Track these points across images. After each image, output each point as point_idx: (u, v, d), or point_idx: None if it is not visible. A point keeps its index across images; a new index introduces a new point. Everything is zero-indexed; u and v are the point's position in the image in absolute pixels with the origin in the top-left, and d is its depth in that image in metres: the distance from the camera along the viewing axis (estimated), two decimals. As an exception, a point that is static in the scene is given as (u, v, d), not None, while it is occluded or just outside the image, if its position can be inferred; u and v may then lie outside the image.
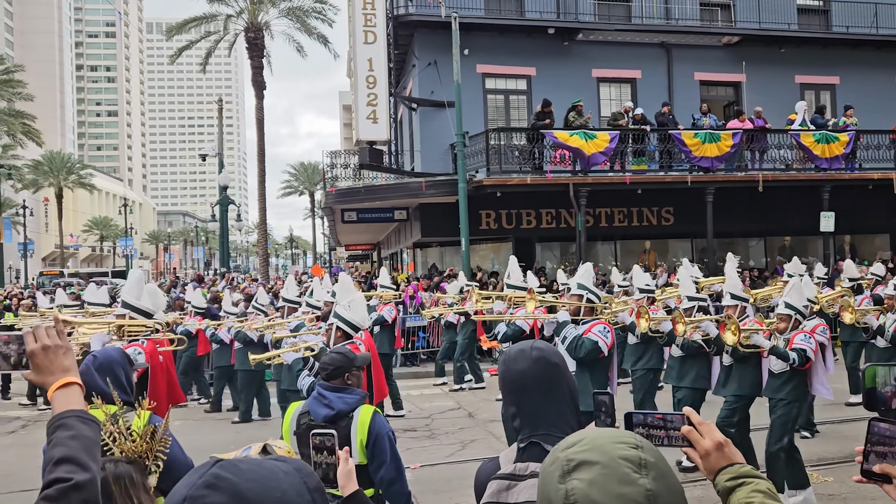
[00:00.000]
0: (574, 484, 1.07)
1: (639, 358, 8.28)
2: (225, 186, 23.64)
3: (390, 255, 29.55)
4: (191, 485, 1.08)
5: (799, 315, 6.47)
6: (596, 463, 1.09)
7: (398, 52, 20.28)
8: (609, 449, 1.12)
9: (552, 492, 1.10)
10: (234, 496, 1.05)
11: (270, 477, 1.11)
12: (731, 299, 7.07)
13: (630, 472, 1.08)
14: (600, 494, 1.05)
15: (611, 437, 1.16)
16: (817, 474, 6.94)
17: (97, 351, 3.84)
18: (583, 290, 6.64)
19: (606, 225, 19.01)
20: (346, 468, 2.36)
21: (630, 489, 1.06)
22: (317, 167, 54.04)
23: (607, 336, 6.22)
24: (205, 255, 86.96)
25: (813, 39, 20.91)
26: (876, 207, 19.10)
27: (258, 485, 1.08)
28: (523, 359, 2.01)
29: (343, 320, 5.73)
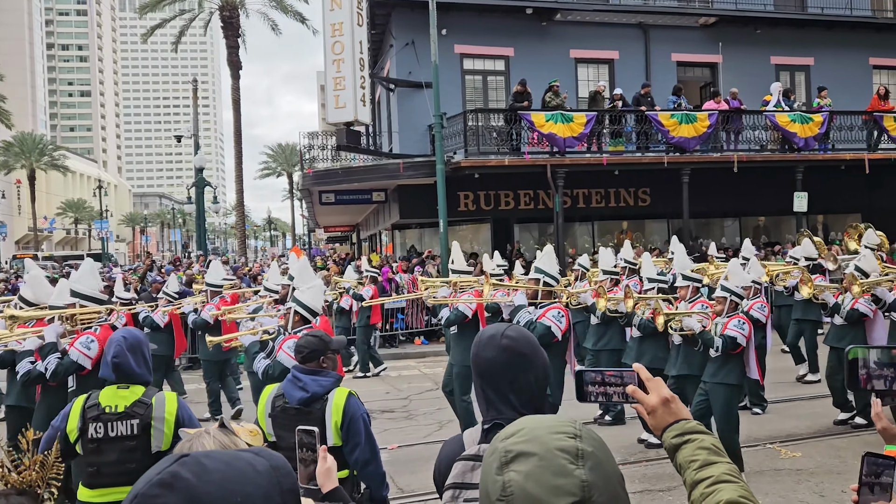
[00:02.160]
0: (511, 476, 1.08)
1: (600, 338, 8.50)
2: (201, 168, 23.36)
3: (369, 237, 29.49)
4: (147, 480, 1.01)
5: (735, 297, 6.62)
6: (533, 454, 1.09)
7: (375, 32, 20.11)
8: (547, 440, 1.12)
9: (490, 483, 1.11)
10: (188, 498, 0.98)
11: (237, 478, 1.03)
12: (682, 280, 7.21)
13: (566, 463, 1.08)
14: (536, 487, 1.06)
15: (549, 427, 1.15)
16: (786, 450, 7.12)
17: (123, 330, 3.85)
18: (540, 273, 6.70)
19: (584, 206, 19.12)
20: (324, 466, 2.36)
21: (565, 481, 1.06)
22: (295, 148, 53.57)
23: (561, 321, 6.29)
24: (182, 238, 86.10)
25: (788, 21, 21.04)
26: (848, 187, 19.40)
27: (218, 487, 1.00)
28: (492, 347, 2.01)
29: (302, 305, 5.68)
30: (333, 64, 16.99)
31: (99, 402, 3.58)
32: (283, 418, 3.62)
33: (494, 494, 1.09)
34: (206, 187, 24.16)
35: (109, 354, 3.64)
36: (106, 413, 3.55)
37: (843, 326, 7.96)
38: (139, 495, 0.99)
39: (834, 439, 7.52)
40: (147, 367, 3.75)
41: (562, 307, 6.52)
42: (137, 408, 3.58)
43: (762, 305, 8.06)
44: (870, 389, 1.42)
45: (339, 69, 17.10)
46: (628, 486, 4.29)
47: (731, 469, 1.49)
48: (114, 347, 3.64)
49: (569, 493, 1.05)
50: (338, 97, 17.04)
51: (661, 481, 6.43)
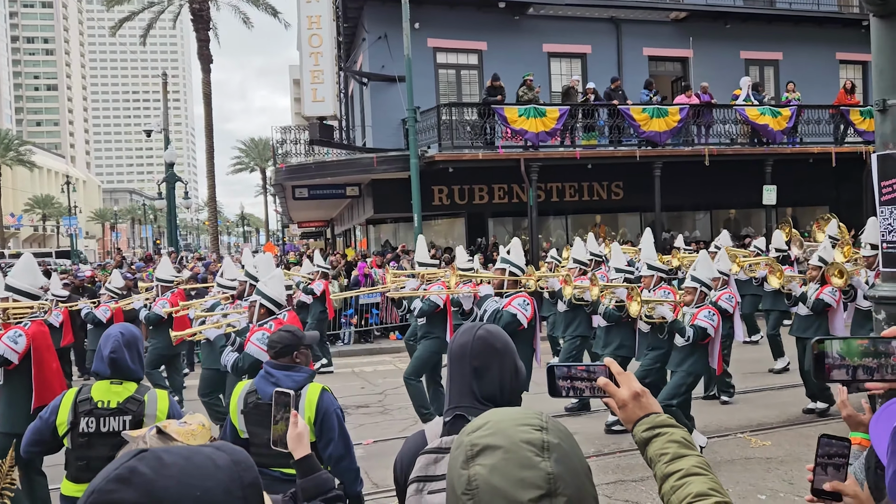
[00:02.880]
0: (476, 470, 1.08)
1: (568, 325, 8.69)
2: (171, 163, 23.03)
3: (343, 232, 29.36)
4: (105, 476, 0.99)
5: (705, 287, 6.73)
6: (498, 448, 1.09)
7: (347, 26, 19.99)
8: (512, 433, 1.11)
9: (456, 478, 1.10)
10: (145, 494, 0.96)
11: (196, 473, 1.01)
12: (647, 270, 7.31)
13: (532, 455, 1.08)
14: (501, 480, 1.05)
15: (515, 420, 1.15)
16: (756, 439, 7.24)
17: (120, 326, 3.83)
18: (505, 263, 6.80)
19: (558, 199, 19.23)
20: (295, 431, 2.35)
21: (531, 473, 1.06)
22: (268, 143, 53.11)
23: (527, 309, 6.39)
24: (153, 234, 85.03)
25: (757, 15, 21.32)
26: (816, 180, 19.74)
27: (177, 483, 0.98)
28: (468, 333, 2.06)
29: (266, 297, 5.73)
30: (311, 57, 16.87)
31: (91, 397, 3.56)
32: (256, 415, 3.60)
33: (460, 488, 1.08)
34: (178, 183, 23.85)
35: (106, 349, 3.61)
36: (98, 408, 3.54)
37: (807, 317, 8.15)
38: (96, 491, 0.98)
39: (803, 428, 7.67)
40: (141, 364, 3.74)
41: (527, 296, 6.59)
42: (130, 404, 3.57)
43: (730, 296, 8.27)
44: (834, 380, 1.45)
45: (318, 62, 17.01)
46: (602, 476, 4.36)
47: (701, 462, 1.51)
48: (111, 342, 3.61)
49: (534, 486, 1.05)
50: (316, 90, 16.94)
51: (635, 472, 6.50)
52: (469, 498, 1.07)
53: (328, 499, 2.32)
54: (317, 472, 2.34)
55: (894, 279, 4.24)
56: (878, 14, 4.16)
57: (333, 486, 2.37)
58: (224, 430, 3.81)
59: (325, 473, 2.37)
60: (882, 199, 4.23)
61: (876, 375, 1.39)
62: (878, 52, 4.23)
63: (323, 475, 2.35)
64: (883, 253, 4.31)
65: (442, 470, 1.81)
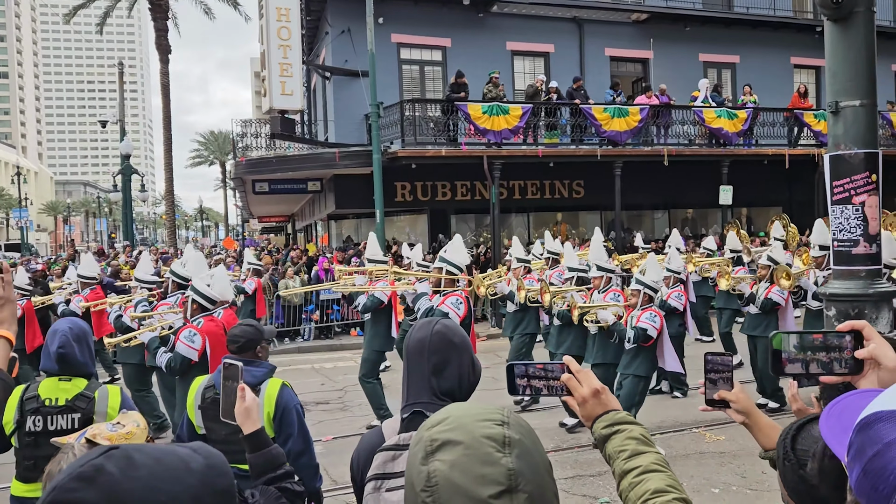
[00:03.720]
0: (436, 465, 1.06)
1: (517, 325, 8.81)
2: (128, 155, 22.52)
3: (305, 227, 29.11)
4: (69, 472, 0.96)
5: (650, 290, 6.87)
6: (459, 443, 1.07)
7: (310, 19, 19.80)
8: (473, 428, 1.09)
9: (415, 474, 1.08)
10: (107, 495, 0.93)
11: (165, 476, 0.98)
12: (596, 271, 7.43)
13: (493, 451, 1.06)
14: (461, 476, 1.04)
15: (476, 415, 1.13)
16: (710, 434, 7.39)
17: (68, 320, 3.68)
18: (443, 262, 6.92)
19: (520, 197, 19.34)
20: (243, 405, 2.29)
21: (491, 469, 1.04)
22: (228, 136, 52.33)
23: (460, 307, 6.53)
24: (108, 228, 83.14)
25: (716, 19, 21.71)
26: (770, 182, 20.22)
27: (143, 486, 0.95)
28: (425, 329, 2.05)
29: (199, 293, 5.75)
30: (280, 49, 16.66)
31: (38, 395, 3.44)
32: (214, 410, 3.54)
33: (419, 485, 1.06)
34: (134, 175, 23.33)
35: (54, 345, 3.49)
36: (46, 406, 3.42)
37: (758, 315, 8.41)
38: (57, 487, 0.94)
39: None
40: (91, 359, 3.62)
41: (461, 295, 6.72)
42: (79, 401, 3.45)
43: (679, 294, 8.56)
44: (789, 374, 1.48)
45: (287, 55, 16.82)
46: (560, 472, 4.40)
47: (659, 459, 1.53)
48: (59, 338, 3.49)
49: (495, 482, 1.03)
50: (284, 84, 16.74)
51: (593, 466, 6.59)
52: (428, 495, 1.05)
53: (278, 475, 2.26)
54: (266, 448, 2.30)
55: (844, 276, 4.36)
56: (831, 18, 4.27)
57: (284, 461, 2.32)
58: (181, 425, 3.74)
59: (276, 449, 2.32)
60: (834, 199, 4.35)
61: (828, 369, 1.42)
62: (831, 56, 4.35)
63: (273, 451, 2.30)
64: (834, 251, 4.44)
65: (400, 467, 1.80)
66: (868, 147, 4.28)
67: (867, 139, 4.27)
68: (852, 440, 0.90)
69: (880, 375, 1.40)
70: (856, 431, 0.89)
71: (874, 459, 0.84)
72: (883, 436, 0.85)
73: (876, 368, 1.40)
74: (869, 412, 0.89)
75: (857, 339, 1.41)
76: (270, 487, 2.21)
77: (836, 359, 1.42)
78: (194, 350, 5.59)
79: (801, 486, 1.48)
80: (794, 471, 1.51)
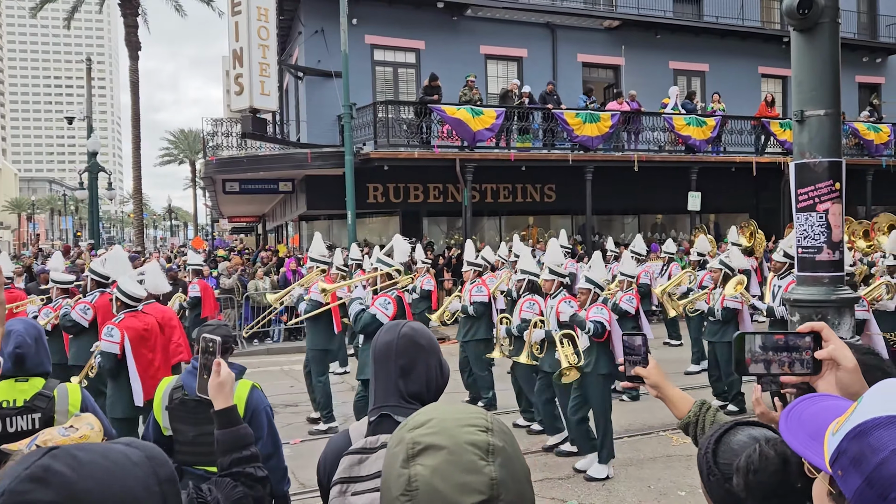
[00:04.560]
0: (417, 470, 1.04)
1: (468, 329, 8.90)
2: (95, 152, 22.08)
3: (275, 228, 28.87)
4: (14, 476, 0.93)
5: (597, 288, 6.98)
6: (442, 448, 1.05)
7: (284, 18, 19.67)
8: (457, 433, 1.07)
9: (394, 477, 1.06)
10: (65, 494, 0.92)
11: (115, 471, 0.98)
12: (548, 274, 7.53)
13: (476, 459, 1.04)
14: (442, 483, 1.02)
15: (460, 419, 1.10)
16: (677, 437, 7.47)
17: (21, 320, 3.57)
18: (380, 263, 7.07)
19: (492, 200, 19.40)
20: (217, 380, 2.26)
21: (474, 478, 1.02)
22: (198, 135, 51.71)
23: (388, 307, 6.64)
24: (74, 226, 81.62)
25: (686, 27, 22.03)
26: (738, 188, 20.56)
27: (96, 483, 0.94)
28: (392, 331, 2.03)
29: (122, 292, 5.97)
30: (259, 49, 16.51)
31: None
32: (182, 411, 3.49)
33: (398, 489, 1.04)
34: (101, 173, 22.90)
35: (9, 346, 3.38)
36: (3, 408, 3.31)
37: (717, 321, 8.73)
38: (7, 492, 0.91)
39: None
40: (48, 357, 3.53)
41: (390, 296, 6.80)
42: (38, 401, 3.35)
43: (631, 298, 8.82)
44: (752, 374, 1.51)
45: (265, 55, 16.68)
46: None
47: None
48: (14, 338, 3.38)
49: (477, 491, 1.01)
50: (263, 83, 16.59)
51: (561, 469, 6.63)
52: (408, 499, 1.03)
53: (243, 456, 2.23)
54: (235, 426, 2.27)
55: (808, 283, 4.44)
56: (797, 28, 4.36)
57: (252, 442, 2.29)
58: (146, 426, 3.69)
59: (245, 429, 2.30)
60: (798, 206, 4.43)
61: (789, 370, 1.45)
62: (798, 65, 4.43)
63: (242, 430, 2.28)
64: (798, 258, 4.52)
65: (366, 471, 1.79)
66: (832, 156, 4.37)
67: (831, 148, 4.36)
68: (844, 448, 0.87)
69: (838, 376, 1.42)
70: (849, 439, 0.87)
71: (881, 468, 0.81)
72: (886, 443, 0.82)
73: (834, 369, 1.43)
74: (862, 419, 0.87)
75: (816, 341, 1.44)
76: (226, 479, 2.18)
77: (797, 359, 1.44)
78: (115, 343, 5.74)
79: (728, 498, 1.51)
80: (721, 485, 1.53)
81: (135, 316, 5.93)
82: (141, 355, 5.80)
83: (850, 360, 1.42)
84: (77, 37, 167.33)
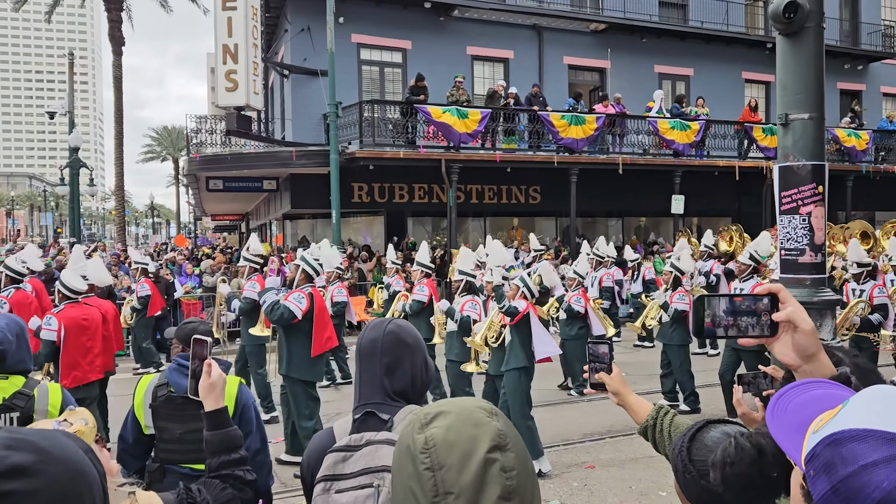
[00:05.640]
0: (433, 431, 1.14)
1: None
2: (76, 148, 21.85)
3: (259, 227, 28.71)
4: None
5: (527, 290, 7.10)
6: (451, 412, 1.17)
7: (270, 16, 19.58)
8: (465, 404, 1.20)
9: (411, 442, 1.15)
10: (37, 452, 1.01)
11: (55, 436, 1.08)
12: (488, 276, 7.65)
13: (483, 415, 1.16)
14: (456, 436, 1.12)
15: (466, 400, 1.23)
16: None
17: (3, 316, 3.52)
18: (301, 261, 7.25)
19: (477, 201, 19.41)
20: (208, 380, 2.27)
21: (483, 430, 1.13)
22: (182, 132, 51.31)
23: (302, 302, 6.78)
24: (54, 222, 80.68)
25: (671, 32, 22.18)
26: (721, 192, 20.72)
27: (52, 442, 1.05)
28: (377, 329, 2.03)
29: (64, 286, 6.57)
30: (253, 47, 16.46)
31: None
32: (168, 409, 3.45)
33: (417, 449, 1.13)
34: (82, 169, 22.66)
35: None
36: None
37: (666, 322, 8.93)
38: None
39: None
40: (29, 355, 3.48)
41: (303, 291, 6.95)
42: (18, 400, 3.29)
43: (579, 298, 9.04)
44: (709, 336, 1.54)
45: (257, 54, 16.64)
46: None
47: None
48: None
49: (488, 438, 1.12)
50: (255, 81, 16.55)
51: (554, 468, 6.64)
52: (426, 456, 1.11)
53: (232, 459, 2.22)
54: (225, 428, 2.26)
55: (791, 285, 4.48)
56: (783, 32, 4.40)
57: (241, 444, 2.29)
58: (123, 426, 3.63)
59: (235, 430, 2.29)
60: (782, 209, 4.47)
61: (747, 332, 1.47)
62: (783, 69, 4.47)
63: (232, 431, 2.27)
64: (781, 260, 4.56)
65: (350, 468, 1.79)
66: (815, 159, 4.41)
67: (815, 151, 4.40)
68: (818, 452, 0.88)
69: (795, 338, 1.44)
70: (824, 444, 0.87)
71: (848, 480, 0.82)
72: (858, 456, 0.82)
73: (791, 331, 1.45)
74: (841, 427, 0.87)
75: (773, 303, 1.46)
76: (215, 480, 2.17)
77: (755, 322, 1.47)
78: (53, 332, 6.21)
79: (704, 495, 1.52)
80: (696, 482, 1.55)
81: (75, 307, 6.47)
82: (80, 343, 6.29)
83: (807, 321, 1.45)
84: (59, 31, 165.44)
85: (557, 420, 8.47)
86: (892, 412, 0.86)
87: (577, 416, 8.73)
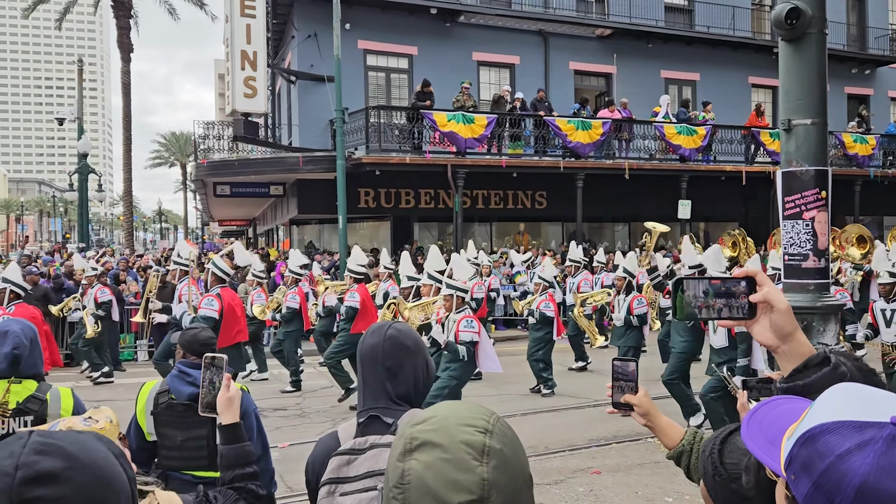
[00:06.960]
0: (412, 465, 1.06)
1: None
2: (85, 154, 22.00)
3: (266, 232, 28.81)
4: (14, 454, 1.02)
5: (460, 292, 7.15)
6: (438, 445, 1.06)
7: (277, 23, 19.69)
8: (454, 431, 1.08)
9: (391, 469, 1.09)
10: (66, 458, 1.02)
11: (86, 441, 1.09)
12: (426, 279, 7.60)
13: (469, 458, 1.04)
14: (434, 479, 1.03)
15: (461, 418, 1.11)
16: (662, 442, 7.50)
17: (17, 321, 3.55)
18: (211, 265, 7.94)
19: (483, 206, 19.43)
20: (226, 395, 2.29)
21: (465, 477, 1.03)
22: (190, 138, 51.53)
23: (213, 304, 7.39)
24: (63, 227, 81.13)
25: (677, 37, 22.16)
26: (728, 197, 20.67)
27: (82, 448, 1.06)
28: (377, 334, 2.04)
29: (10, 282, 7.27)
30: (265, 53, 16.62)
31: None
32: (169, 415, 3.46)
33: (392, 480, 1.07)
34: (91, 174, 22.81)
35: (7, 346, 3.35)
36: None
37: (621, 326, 9.05)
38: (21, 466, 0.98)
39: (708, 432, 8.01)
40: (41, 360, 3.51)
41: (214, 295, 7.49)
42: (31, 403, 3.33)
43: (548, 303, 9.10)
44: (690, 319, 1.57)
45: (266, 60, 16.80)
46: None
47: None
48: (12, 339, 3.35)
49: (466, 490, 1.03)
50: (268, 87, 16.71)
51: (549, 475, 6.63)
52: (400, 492, 1.05)
53: (246, 473, 2.25)
54: (241, 443, 2.29)
55: (795, 289, 4.48)
56: (786, 38, 4.41)
57: (254, 460, 2.32)
58: (127, 431, 3.65)
59: (249, 446, 2.33)
60: (785, 214, 4.47)
61: (726, 314, 1.49)
62: (786, 74, 4.48)
63: (246, 447, 2.30)
64: (784, 265, 4.55)
65: (355, 471, 1.80)
66: (819, 164, 4.41)
67: (818, 157, 4.40)
68: (795, 453, 0.89)
69: (772, 318, 1.47)
70: (799, 445, 0.89)
71: (827, 473, 0.83)
72: (833, 448, 0.84)
73: (769, 312, 1.47)
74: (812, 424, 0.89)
75: (750, 286, 1.48)
76: (230, 490, 2.19)
77: (734, 304, 1.49)
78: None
79: (733, 499, 1.51)
80: (727, 485, 1.54)
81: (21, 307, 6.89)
82: None
83: (783, 302, 1.47)
84: (69, 38, 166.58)
85: (563, 425, 8.46)
86: (857, 403, 0.88)
87: (583, 422, 8.71)
